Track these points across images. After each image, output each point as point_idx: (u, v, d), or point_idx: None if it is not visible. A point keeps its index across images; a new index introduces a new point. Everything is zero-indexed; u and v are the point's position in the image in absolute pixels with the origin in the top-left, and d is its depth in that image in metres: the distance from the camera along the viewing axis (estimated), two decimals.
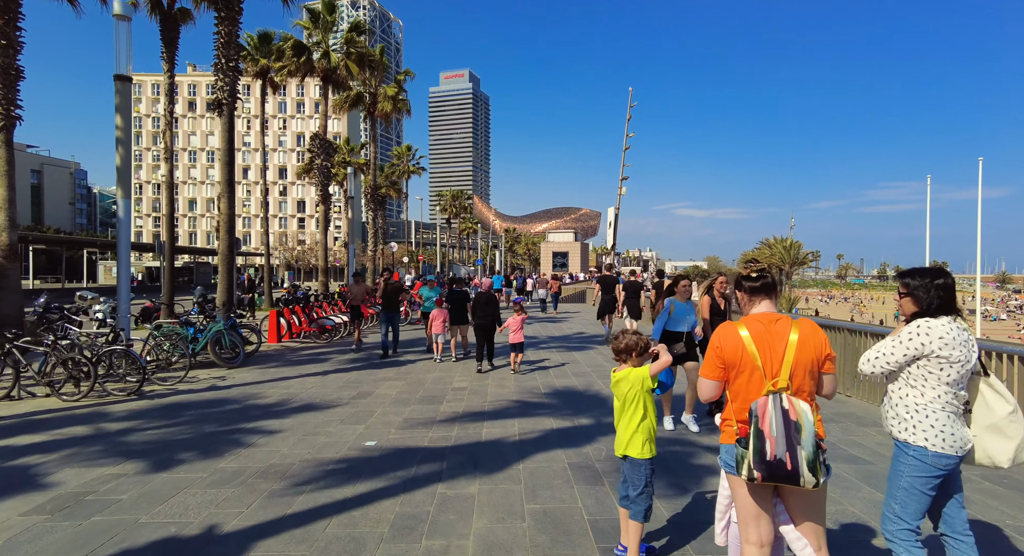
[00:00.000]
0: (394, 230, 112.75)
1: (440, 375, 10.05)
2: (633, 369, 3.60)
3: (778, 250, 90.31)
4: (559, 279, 28.93)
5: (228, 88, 14.15)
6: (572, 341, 15.00)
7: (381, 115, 29.84)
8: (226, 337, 11.35)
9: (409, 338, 15.55)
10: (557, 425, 6.69)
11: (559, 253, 79.35)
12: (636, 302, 14.52)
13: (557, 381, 9.39)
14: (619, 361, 3.69)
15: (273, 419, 7.14)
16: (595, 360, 11.68)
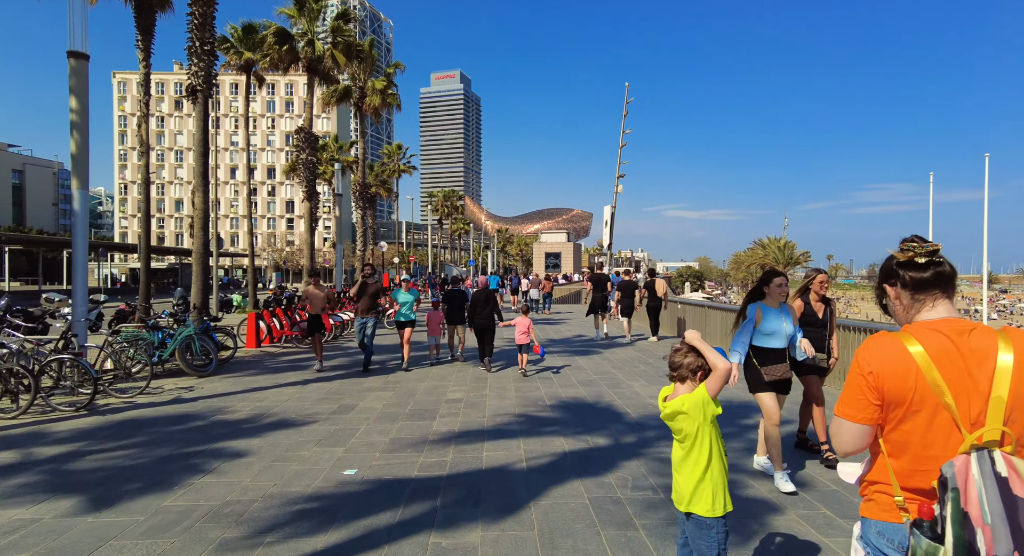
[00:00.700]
0: (385, 230, 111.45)
1: (433, 385, 9.09)
2: (687, 395, 2.68)
3: (772, 250, 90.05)
4: (551, 280, 28.27)
5: (203, 74, 13.11)
6: (573, 344, 14.08)
7: (370, 110, 28.81)
8: (196, 343, 10.33)
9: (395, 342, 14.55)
10: (569, 446, 5.75)
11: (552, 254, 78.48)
12: (631, 301, 14.66)
13: (562, 391, 8.46)
14: (675, 380, 2.76)
15: (240, 439, 6.16)
16: (600, 366, 10.76)
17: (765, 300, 4.80)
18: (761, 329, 4.72)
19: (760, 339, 4.74)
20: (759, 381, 4.76)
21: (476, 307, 10.39)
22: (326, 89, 28.53)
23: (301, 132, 21.60)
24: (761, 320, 4.71)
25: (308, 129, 21.56)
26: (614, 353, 12.48)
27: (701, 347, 2.65)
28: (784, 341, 4.75)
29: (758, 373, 4.73)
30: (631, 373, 9.96)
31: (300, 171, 22.01)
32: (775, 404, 4.73)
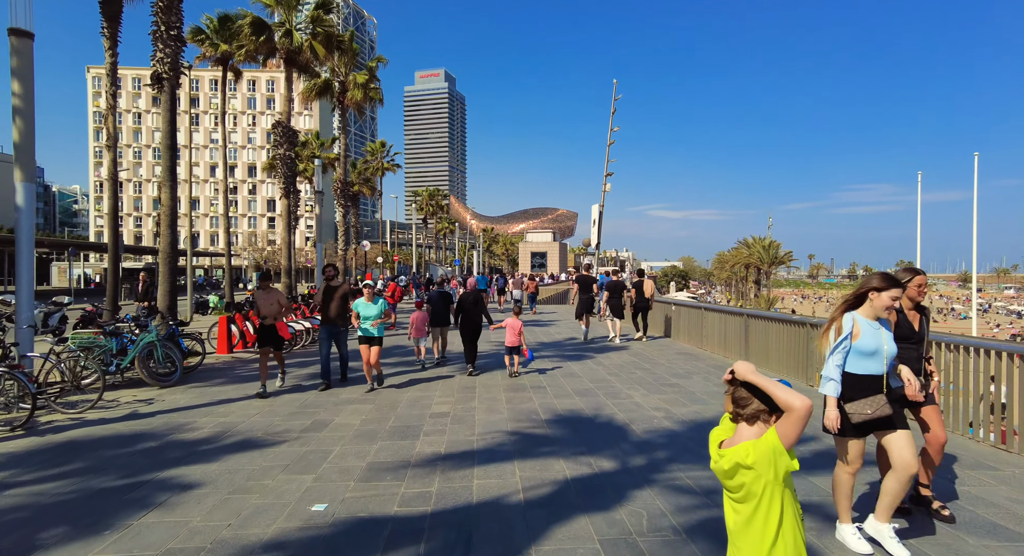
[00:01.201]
0: (368, 230, 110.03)
1: (417, 395, 8.37)
2: (753, 443, 1.99)
3: (756, 250, 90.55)
4: (535, 279, 27.80)
5: (169, 61, 12.23)
6: (565, 348, 13.43)
7: (352, 104, 27.89)
8: (159, 349, 9.49)
9: None
10: (571, 471, 5.08)
11: (537, 253, 78.03)
12: (618, 302, 14.51)
13: (557, 402, 7.79)
14: (738, 417, 2.08)
15: (196, 463, 5.40)
16: (595, 372, 10.12)
17: (863, 309, 3.67)
18: (858, 347, 3.58)
19: (854, 361, 3.61)
20: (844, 421, 3.62)
21: (464, 309, 10.05)
22: (306, 83, 27.59)
23: (279, 126, 20.71)
24: (859, 335, 3.59)
25: (286, 123, 20.66)
26: (608, 357, 11.85)
27: (761, 382, 1.98)
28: (884, 365, 3.58)
29: (842, 410, 3.64)
30: (628, 380, 9.33)
31: (278, 167, 21.09)
32: (861, 451, 3.67)
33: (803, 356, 8.93)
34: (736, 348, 11.31)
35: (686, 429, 6.40)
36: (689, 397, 8.05)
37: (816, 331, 8.58)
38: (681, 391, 8.45)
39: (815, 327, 8.64)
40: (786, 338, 9.49)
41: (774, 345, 9.89)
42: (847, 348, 3.61)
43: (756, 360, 10.49)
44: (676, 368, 10.52)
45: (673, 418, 6.88)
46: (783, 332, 9.58)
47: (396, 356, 12.29)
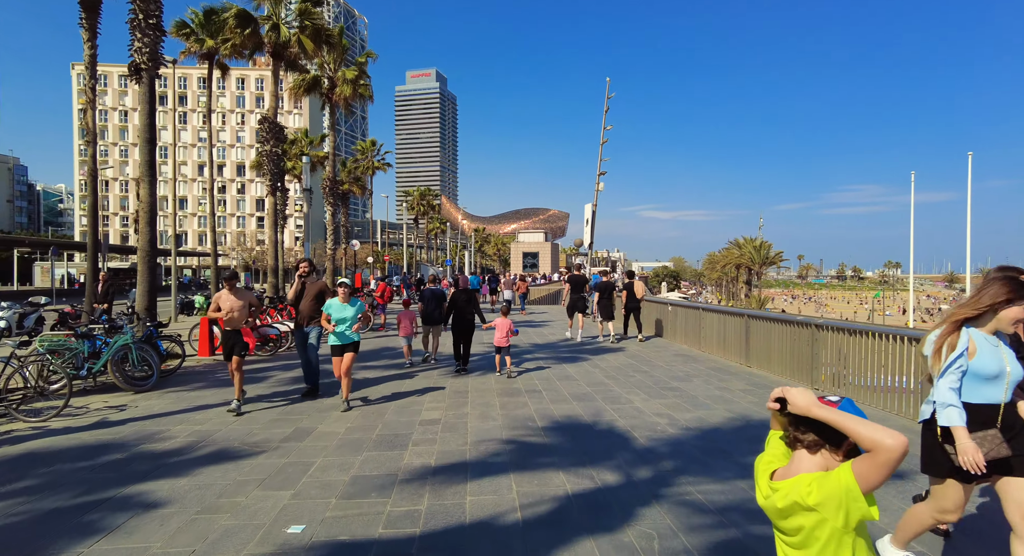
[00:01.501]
0: (359, 230, 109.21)
1: (406, 401, 7.95)
2: (819, 477, 1.58)
3: (748, 250, 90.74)
4: (526, 280, 27.59)
5: (148, 50, 11.71)
6: (560, 350, 13.05)
7: (340, 101, 27.37)
8: (134, 352, 9.00)
9: (366, 348, 13.35)
10: (572, 485, 4.69)
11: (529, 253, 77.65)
12: (609, 302, 14.41)
13: (554, 408, 7.40)
14: (796, 443, 1.68)
15: (164, 478, 4.96)
16: (592, 375, 9.74)
17: (982, 322, 2.94)
18: (976, 369, 2.88)
19: (971, 387, 2.92)
20: (945, 461, 2.94)
21: (456, 307, 9.92)
22: (295, 79, 27.06)
23: (265, 122, 20.16)
24: (975, 354, 2.88)
25: (273, 119, 20.11)
26: (604, 360, 11.49)
27: (833, 419, 1.55)
28: (1006, 392, 2.89)
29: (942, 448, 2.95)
30: (627, 384, 8.96)
31: (265, 164, 20.53)
32: (964, 498, 2.99)
33: (807, 358, 8.60)
34: (736, 350, 10.98)
35: (692, 437, 6.03)
36: (691, 402, 7.69)
37: (822, 332, 8.27)
38: (683, 395, 8.09)
39: (820, 328, 8.31)
40: (790, 340, 9.16)
41: (776, 347, 9.56)
42: (963, 368, 2.89)
43: (757, 362, 10.17)
44: (675, 371, 10.17)
45: (677, 424, 6.51)
46: (787, 333, 9.25)
47: (385, 358, 11.85)
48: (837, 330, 8.00)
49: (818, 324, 8.39)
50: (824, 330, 8.25)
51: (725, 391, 8.35)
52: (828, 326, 8.21)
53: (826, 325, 8.24)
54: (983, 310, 2.90)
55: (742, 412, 7.07)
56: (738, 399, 7.81)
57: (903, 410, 6.80)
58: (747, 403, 7.55)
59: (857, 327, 7.68)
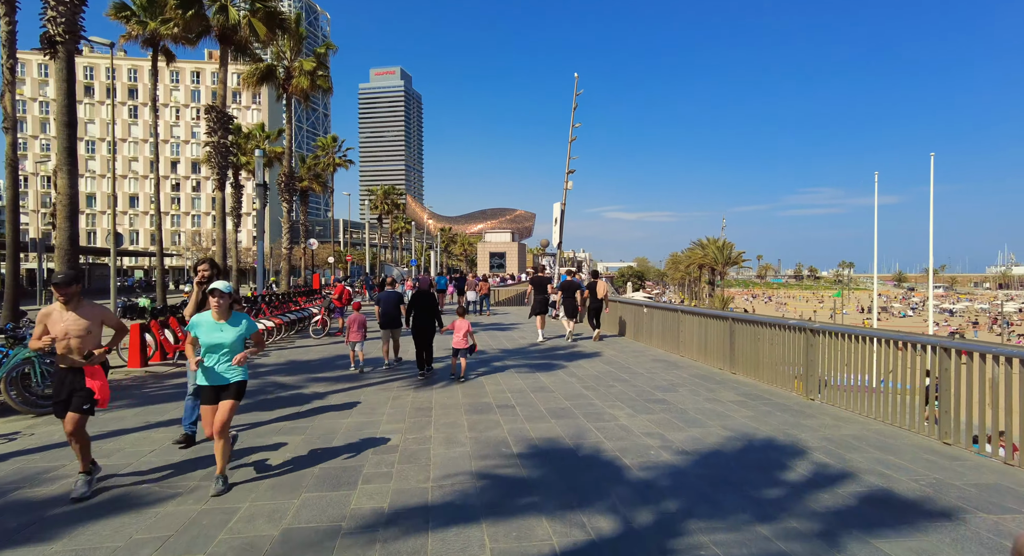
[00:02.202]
0: (320, 229, 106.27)
1: (359, 421, 6.91)
2: None
3: (711, 250, 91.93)
4: (487, 280, 26.85)
5: (64, 20, 10.30)
6: (531, 356, 12.17)
7: (298, 93, 25.89)
8: (38, 367, 7.70)
9: (320, 356, 12.21)
10: (559, 537, 3.78)
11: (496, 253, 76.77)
12: (572, 301, 14.50)
13: (531, 428, 6.50)
14: None
15: (31, 543, 3.84)
16: (569, 385, 8.89)
17: None
18: None
19: None
20: None
21: (415, 309, 9.53)
22: (248, 68, 25.47)
23: (212, 111, 18.63)
24: None
25: (221, 108, 18.60)
26: (580, 367, 10.66)
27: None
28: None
29: None
30: (608, 396, 8.13)
31: (212, 157, 18.99)
32: None
33: (801, 366, 7.94)
34: (719, 355, 10.30)
35: (692, 464, 5.21)
36: (682, 417, 6.90)
37: (818, 338, 7.61)
38: (671, 409, 7.30)
39: (816, 333, 7.66)
40: (781, 346, 8.49)
41: (767, 352, 8.89)
42: None
43: (744, 369, 9.50)
44: (658, 379, 9.41)
45: (672, 447, 5.69)
46: (778, 338, 8.58)
47: (339, 368, 10.75)
48: (837, 335, 7.34)
49: (814, 329, 7.73)
50: (821, 335, 7.59)
51: (715, 403, 7.60)
52: (826, 331, 7.55)
53: (824, 330, 7.58)
54: None
55: (740, 429, 6.30)
56: (732, 413, 7.06)
57: (920, 425, 6.15)
58: (743, 418, 6.80)
59: (860, 332, 7.03)
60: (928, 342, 6.07)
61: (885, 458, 5.26)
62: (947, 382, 5.64)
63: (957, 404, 5.61)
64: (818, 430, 6.22)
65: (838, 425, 6.42)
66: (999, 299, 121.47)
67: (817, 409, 7.22)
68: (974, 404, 5.50)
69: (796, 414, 6.96)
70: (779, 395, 8.07)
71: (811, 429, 6.26)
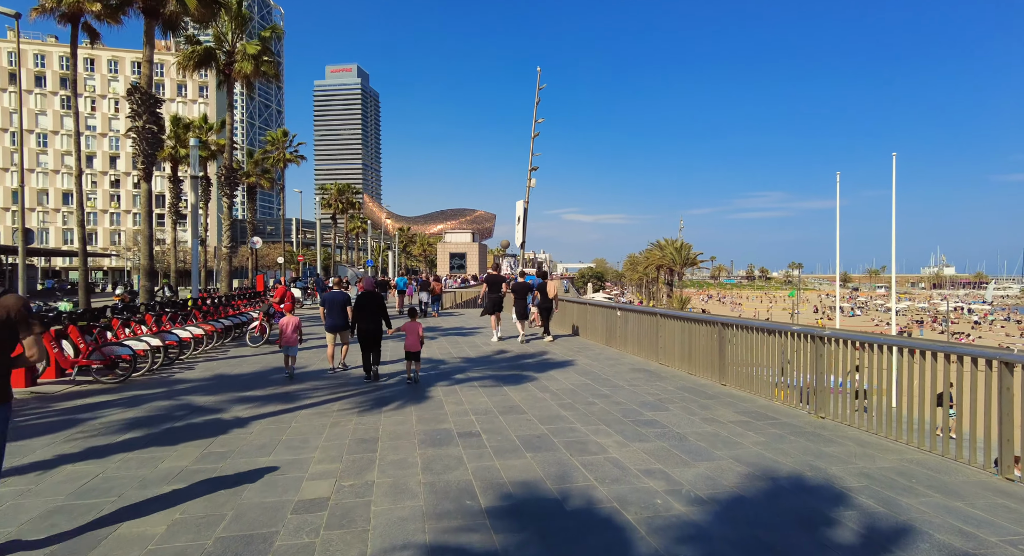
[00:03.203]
0: (272, 228, 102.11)
1: (283, 459, 5.45)
2: None
3: (669, 251, 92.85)
4: (440, 280, 25.56)
5: None
6: (498, 365, 10.87)
7: (240, 78, 23.83)
8: None
9: (254, 368, 10.61)
10: None
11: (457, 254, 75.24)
12: (524, 303, 14.37)
13: (502, 466, 5.20)
14: None
15: None
16: (544, 404, 7.64)
17: None
18: None
19: None
20: None
21: (362, 311, 9.14)
22: (184, 50, 23.30)
23: (136, 92, 16.50)
24: None
25: (146, 89, 16.52)
26: (552, 379, 9.44)
27: None
28: None
29: None
30: (590, 416, 6.92)
31: (136, 144, 16.86)
32: None
33: (815, 374, 6.93)
34: (707, 365, 9.25)
35: (713, 518, 4.02)
36: (682, 445, 5.74)
37: (829, 346, 6.60)
38: (666, 434, 6.14)
39: (824, 340, 6.65)
40: (780, 355, 7.48)
41: (767, 363, 7.86)
42: None
43: (737, 381, 8.46)
44: (641, 393, 8.27)
45: (681, 493, 4.50)
46: (777, 347, 7.56)
47: (272, 385, 9.20)
48: (851, 344, 6.33)
49: (823, 336, 6.71)
50: (833, 343, 6.59)
51: (716, 425, 6.48)
52: (838, 339, 6.54)
53: (836, 338, 6.57)
54: None
55: (757, 462, 5.18)
56: (739, 438, 5.94)
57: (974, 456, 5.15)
58: (754, 446, 5.69)
59: (878, 341, 6.05)
60: (976, 354, 5.09)
61: (950, 504, 4.20)
62: (1008, 403, 4.64)
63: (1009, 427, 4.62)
64: (848, 461, 5.15)
65: (869, 454, 5.37)
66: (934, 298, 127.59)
67: (833, 431, 6.19)
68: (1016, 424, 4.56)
69: (813, 439, 5.90)
70: (783, 413, 7.03)
71: (840, 460, 5.19)
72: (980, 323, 79.76)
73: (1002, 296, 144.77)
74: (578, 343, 14.19)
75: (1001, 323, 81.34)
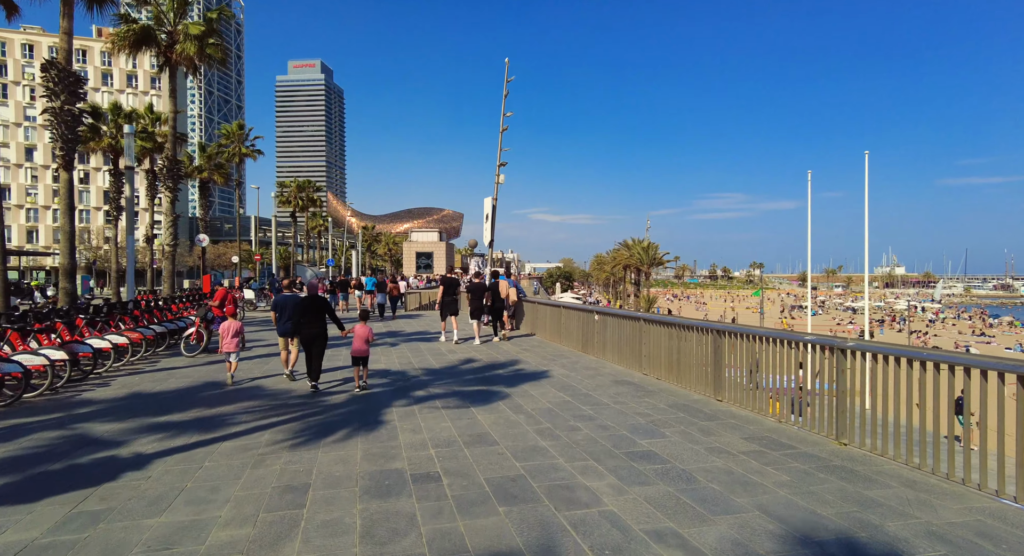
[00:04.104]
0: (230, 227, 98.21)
1: (177, 522, 4.09)
2: None
3: (636, 251, 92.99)
4: (396, 281, 24.24)
5: None
6: (463, 379, 9.62)
7: (183, 61, 21.88)
8: None
9: (182, 384, 9.10)
10: None
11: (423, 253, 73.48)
12: (480, 304, 14.23)
13: (465, 526, 3.98)
14: None
15: None
16: (518, 430, 6.44)
17: None
18: None
19: None
20: None
21: (305, 314, 8.78)
22: (117, 28, 21.26)
23: (51, 68, 14.50)
24: None
25: (63, 65, 14.58)
26: (526, 395, 8.26)
27: None
28: None
29: None
30: (574, 448, 5.76)
31: (53, 127, 14.87)
32: None
33: (836, 393, 5.92)
34: (699, 377, 8.22)
35: None
36: (692, 490, 4.61)
37: (853, 360, 5.61)
38: (670, 472, 5.02)
39: (848, 353, 5.66)
40: (789, 369, 6.46)
41: (773, 378, 6.84)
42: None
43: (737, 398, 7.43)
44: (630, 413, 7.15)
45: None
46: (785, 357, 6.54)
47: (200, 406, 7.75)
48: (880, 357, 5.34)
49: (846, 348, 5.71)
50: (859, 356, 5.59)
51: (726, 458, 5.40)
52: (866, 351, 5.54)
53: (863, 350, 5.57)
54: None
55: (790, 516, 4.09)
56: (758, 478, 4.86)
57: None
58: (781, 488, 4.61)
59: (909, 354, 5.06)
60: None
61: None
62: None
63: None
64: (905, 513, 4.11)
65: (926, 501, 4.35)
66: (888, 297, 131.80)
67: (867, 465, 5.17)
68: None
69: (848, 477, 4.86)
70: (799, 439, 6.00)
71: (894, 512, 4.14)
72: (935, 321, 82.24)
73: (949, 294, 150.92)
74: (553, 349, 13.06)
75: (952, 321, 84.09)
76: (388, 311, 23.00)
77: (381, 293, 22.63)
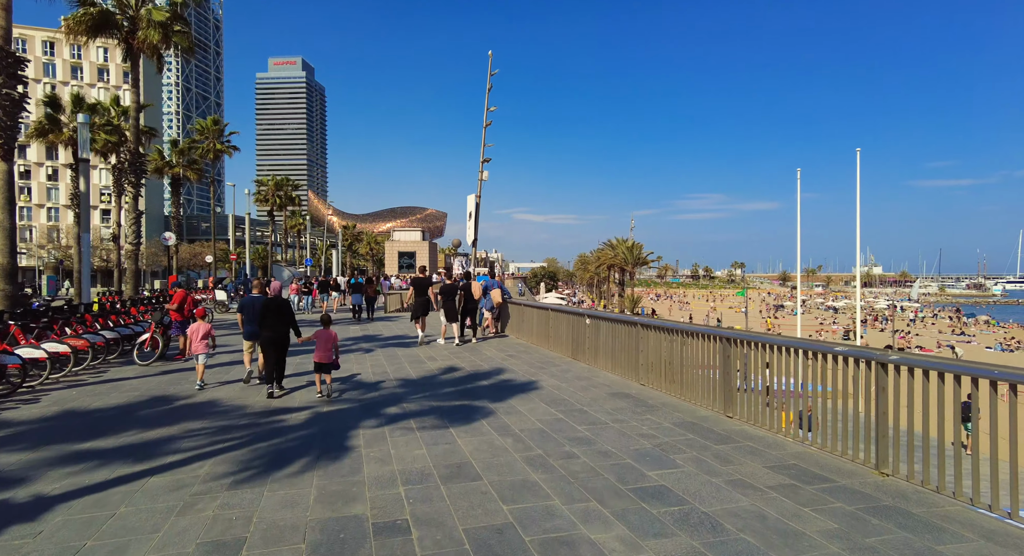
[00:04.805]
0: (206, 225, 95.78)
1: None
2: None
3: (621, 251, 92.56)
4: (372, 282, 23.08)
5: None
6: (443, 392, 8.64)
7: (145, 48, 20.55)
8: None
9: (127, 398, 8.00)
10: None
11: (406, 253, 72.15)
12: (452, 304, 14.00)
13: None
14: None
15: None
16: (506, 459, 5.51)
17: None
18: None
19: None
20: None
21: (265, 317, 8.51)
22: (75, 12, 19.90)
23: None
24: None
25: (2, 45, 13.25)
26: (512, 411, 7.33)
27: None
28: None
29: None
30: (570, 482, 4.84)
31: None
32: None
33: (876, 414, 5.09)
34: (704, 391, 7.36)
35: None
36: (721, 543, 3.72)
37: (896, 376, 4.77)
38: (690, 516, 4.12)
39: (889, 367, 4.83)
40: (830, 381, 5.62)
41: (796, 390, 5.99)
42: None
43: (752, 414, 6.58)
44: (632, 434, 6.26)
45: None
46: (809, 369, 5.70)
47: (137, 427, 6.69)
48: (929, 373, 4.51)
49: (887, 362, 4.87)
50: (904, 371, 4.76)
51: (752, 493, 4.52)
52: (912, 366, 4.71)
53: (909, 365, 4.74)
54: None
55: None
56: (797, 523, 3.99)
57: None
58: (830, 541, 3.74)
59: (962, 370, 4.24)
60: None
61: None
62: None
63: None
64: None
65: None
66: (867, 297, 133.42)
67: (923, 504, 4.33)
68: None
69: (909, 524, 4.00)
70: (831, 467, 5.16)
71: None
72: (915, 321, 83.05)
73: (925, 294, 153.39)
74: (541, 355, 12.15)
75: (931, 320, 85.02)
76: (364, 313, 21.90)
77: (357, 294, 21.50)
